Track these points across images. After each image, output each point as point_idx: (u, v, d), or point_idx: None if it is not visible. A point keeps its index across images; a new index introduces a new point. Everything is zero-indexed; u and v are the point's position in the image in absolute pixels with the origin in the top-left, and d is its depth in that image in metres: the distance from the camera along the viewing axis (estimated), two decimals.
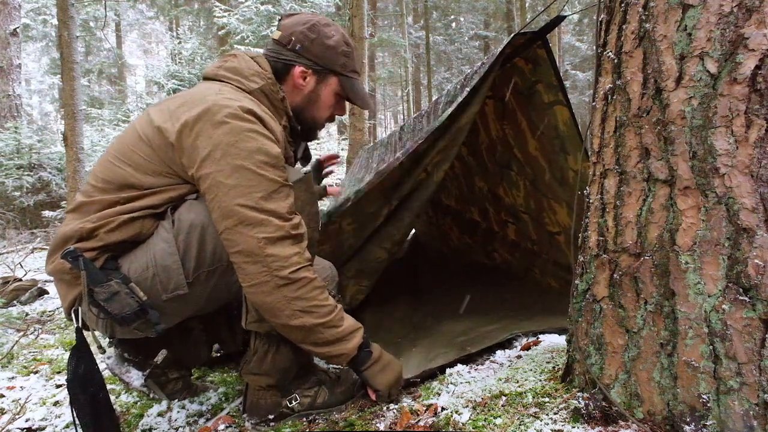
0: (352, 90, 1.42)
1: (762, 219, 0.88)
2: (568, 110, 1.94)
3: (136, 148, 1.22)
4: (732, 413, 0.90)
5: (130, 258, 1.21)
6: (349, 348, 1.26)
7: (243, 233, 1.13)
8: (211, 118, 1.15)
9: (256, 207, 1.13)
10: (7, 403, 1.62)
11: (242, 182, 1.13)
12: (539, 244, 2.52)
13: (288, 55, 1.36)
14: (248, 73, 1.30)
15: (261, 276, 1.13)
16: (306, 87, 1.38)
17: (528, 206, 2.48)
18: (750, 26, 0.87)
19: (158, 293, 1.20)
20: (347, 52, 1.39)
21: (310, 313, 1.18)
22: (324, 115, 1.44)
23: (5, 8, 7.17)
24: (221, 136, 1.14)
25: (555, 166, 2.14)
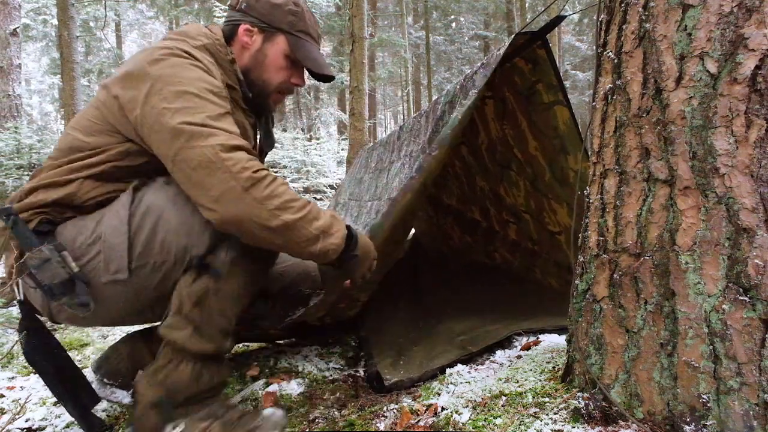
0: (301, 50, 1.34)
1: (762, 219, 0.88)
2: (568, 110, 1.94)
3: (86, 114, 1.21)
4: (732, 413, 0.90)
5: (75, 227, 1.16)
6: (338, 241, 1.18)
7: (195, 146, 1.05)
8: (148, 59, 1.13)
9: (205, 123, 1.08)
10: (7, 403, 1.62)
11: (187, 104, 1.08)
12: (540, 243, 2.52)
13: (236, 15, 1.34)
14: (194, 34, 1.26)
15: (225, 183, 1.05)
16: (252, 46, 1.34)
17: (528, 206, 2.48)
18: (750, 26, 0.87)
19: (98, 273, 1.14)
20: (295, 11, 1.34)
21: (287, 209, 1.09)
22: (274, 79, 1.36)
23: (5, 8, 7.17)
24: (160, 70, 1.12)
25: (555, 165, 2.15)
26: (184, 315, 1.17)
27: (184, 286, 1.17)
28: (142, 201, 1.15)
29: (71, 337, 2.24)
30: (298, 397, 1.54)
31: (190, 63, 1.15)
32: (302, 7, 1.36)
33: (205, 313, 1.17)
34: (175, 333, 1.17)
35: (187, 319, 1.17)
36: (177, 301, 1.18)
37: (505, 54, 1.63)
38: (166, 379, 1.18)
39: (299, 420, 1.38)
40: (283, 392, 1.57)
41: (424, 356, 1.69)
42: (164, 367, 1.19)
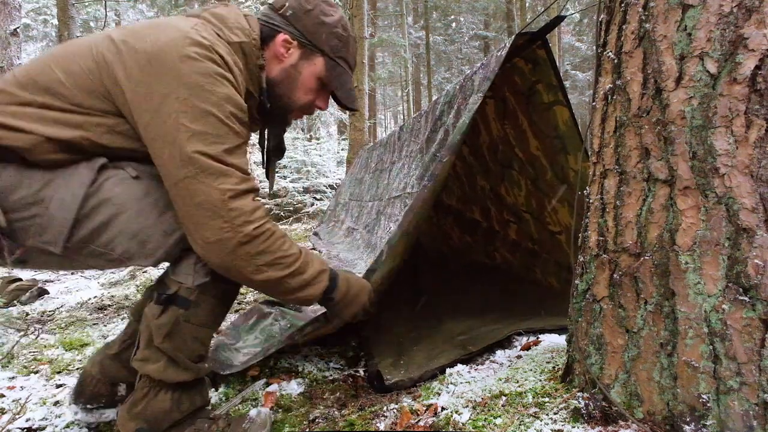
0: (338, 78, 1.26)
1: (762, 219, 0.88)
2: (568, 110, 1.94)
3: (79, 58, 1.04)
4: (732, 413, 0.90)
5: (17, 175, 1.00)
6: (315, 294, 1.19)
7: (205, 183, 1.00)
8: (179, 50, 1.01)
9: (220, 159, 1.02)
10: (8, 403, 1.62)
11: (208, 129, 1.01)
12: (540, 243, 2.52)
13: (277, 20, 1.22)
14: (232, 24, 1.14)
15: (222, 232, 1.02)
16: (287, 59, 1.23)
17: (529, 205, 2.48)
18: (750, 26, 0.87)
19: (26, 234, 1.01)
20: (342, 36, 1.25)
21: (274, 266, 1.09)
22: (300, 99, 1.27)
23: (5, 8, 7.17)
24: (190, 73, 1.01)
25: (556, 165, 2.15)
26: (156, 348, 1.13)
27: (151, 318, 1.12)
28: (103, 187, 1.04)
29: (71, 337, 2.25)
30: (298, 397, 1.54)
31: (222, 75, 1.05)
32: (349, 33, 1.27)
33: (178, 343, 1.13)
34: (149, 366, 1.14)
35: (159, 351, 1.13)
36: (146, 333, 1.13)
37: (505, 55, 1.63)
38: (146, 410, 1.15)
39: (299, 420, 1.38)
40: (283, 392, 1.57)
41: (425, 356, 1.69)
42: (142, 399, 1.16)
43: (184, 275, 1.12)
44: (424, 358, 1.66)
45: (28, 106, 1.01)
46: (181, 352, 1.13)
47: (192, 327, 1.14)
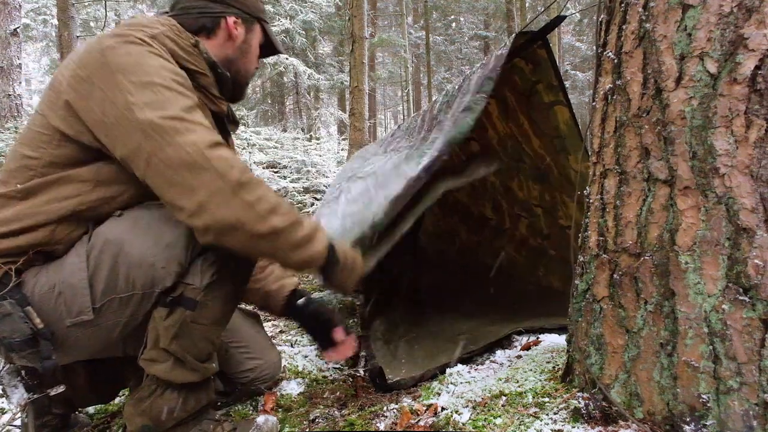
0: (272, 36, 1.37)
1: (762, 219, 0.88)
2: (569, 110, 1.94)
3: (30, 125, 1.07)
4: (732, 413, 0.90)
5: (40, 273, 1.05)
6: (320, 249, 1.11)
7: (175, 143, 0.95)
8: (100, 50, 1.01)
9: (179, 117, 0.97)
10: (7, 403, 1.62)
11: (156, 96, 0.98)
12: (550, 238, 2.52)
13: (216, 8, 1.27)
14: (147, 22, 1.13)
15: (212, 184, 0.95)
16: (239, 38, 1.30)
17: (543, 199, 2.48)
18: (750, 26, 0.87)
19: (62, 317, 1.04)
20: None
21: (276, 213, 1.01)
22: (252, 68, 1.36)
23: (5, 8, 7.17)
24: (116, 59, 0.99)
25: (558, 164, 2.15)
26: (163, 348, 1.11)
27: (159, 320, 1.10)
28: (98, 235, 1.05)
29: None
30: (298, 397, 1.54)
31: (148, 50, 1.03)
32: None
33: (186, 344, 1.12)
34: (156, 366, 1.13)
35: (166, 352, 1.11)
36: (153, 335, 1.12)
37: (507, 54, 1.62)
38: (152, 408, 1.15)
39: (299, 420, 1.38)
40: (283, 392, 1.57)
41: (426, 355, 1.69)
42: (149, 396, 1.15)
43: (190, 277, 1.10)
44: (426, 358, 1.66)
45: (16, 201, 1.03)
46: (188, 353, 1.13)
47: (199, 328, 1.13)
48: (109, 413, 1.52)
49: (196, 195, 0.96)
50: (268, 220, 1.00)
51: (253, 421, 1.25)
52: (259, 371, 1.51)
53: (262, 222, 0.99)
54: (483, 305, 2.25)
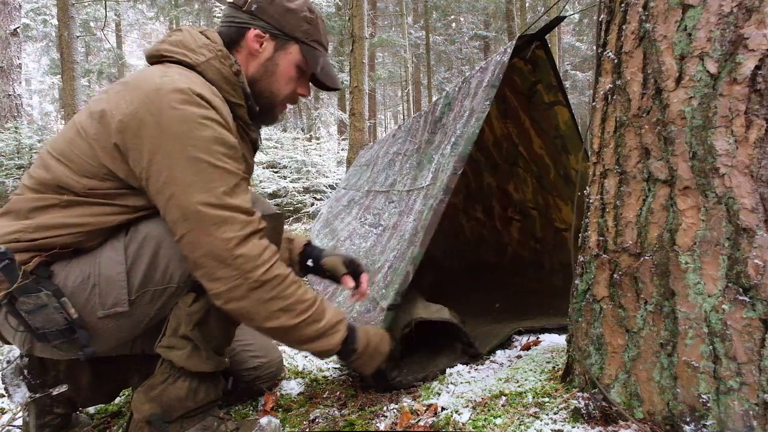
0: (316, 62, 1.23)
1: (762, 219, 0.88)
2: (568, 110, 1.95)
3: (73, 145, 1.08)
4: (732, 413, 0.90)
5: (70, 265, 1.08)
6: (333, 344, 1.17)
7: (209, 234, 1.01)
8: (157, 105, 1.01)
9: (221, 204, 1.01)
10: (7, 403, 1.62)
11: (201, 176, 1.01)
12: (543, 242, 2.53)
13: (242, 17, 1.19)
14: (194, 46, 1.13)
15: (233, 280, 1.02)
16: (263, 54, 1.21)
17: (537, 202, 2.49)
18: (750, 26, 0.87)
19: (94, 308, 1.07)
20: (310, 19, 1.22)
21: (288, 312, 1.08)
22: (283, 90, 1.25)
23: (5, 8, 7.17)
24: (171, 124, 1.00)
25: (559, 164, 2.16)
26: (182, 335, 1.14)
27: (183, 307, 1.14)
28: (138, 230, 1.09)
29: None
30: (298, 397, 1.54)
31: (204, 117, 1.03)
32: (317, 15, 1.24)
33: (205, 332, 1.15)
34: (173, 352, 1.15)
35: (186, 339, 1.15)
36: (175, 322, 1.15)
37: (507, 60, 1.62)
38: (162, 395, 1.17)
39: (299, 420, 1.38)
40: (283, 392, 1.57)
41: (428, 355, 1.69)
42: (161, 383, 1.17)
43: None
44: (427, 358, 1.66)
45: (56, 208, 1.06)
46: (206, 342, 1.16)
47: (221, 319, 1.16)
48: (109, 413, 1.52)
49: (216, 284, 1.03)
50: (278, 318, 1.07)
51: (257, 422, 1.25)
52: (263, 370, 1.52)
53: (271, 320, 1.07)
54: (483, 304, 2.25)
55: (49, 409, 1.35)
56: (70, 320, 1.06)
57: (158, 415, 1.17)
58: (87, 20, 14.12)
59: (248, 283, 1.03)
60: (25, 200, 1.08)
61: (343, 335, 1.19)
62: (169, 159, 1.00)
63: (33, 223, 1.07)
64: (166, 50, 1.13)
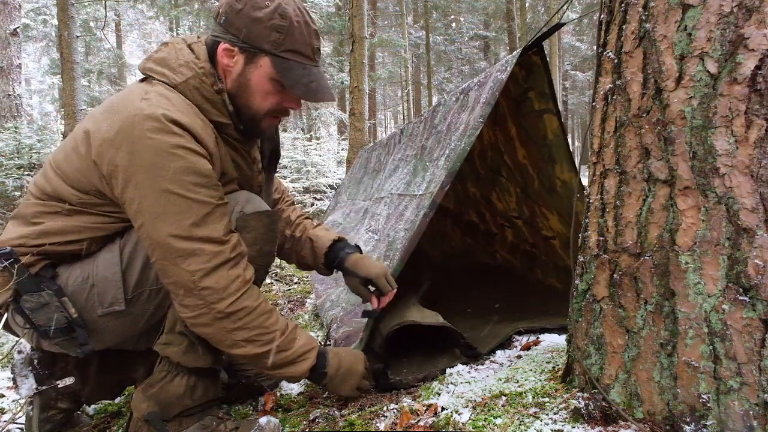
0: (289, 76, 1.13)
1: (762, 219, 0.88)
2: (557, 119, 1.96)
3: (69, 159, 1.12)
4: (732, 413, 0.90)
5: (72, 267, 1.14)
6: (300, 372, 1.20)
7: (176, 265, 1.03)
8: (131, 133, 1.01)
9: (188, 236, 1.02)
10: (7, 403, 1.62)
11: (170, 208, 1.02)
12: (537, 247, 2.53)
13: (217, 30, 1.15)
14: (175, 65, 1.11)
15: (198, 309, 1.06)
16: (233, 69, 1.15)
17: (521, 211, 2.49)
18: (750, 26, 0.87)
19: (94, 307, 1.12)
20: (281, 26, 1.10)
21: (253, 342, 1.11)
22: (262, 105, 1.18)
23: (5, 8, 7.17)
24: (144, 154, 1.01)
25: (543, 174, 2.16)
26: (179, 332, 1.16)
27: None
28: (131, 232, 1.13)
29: None
30: (298, 397, 1.54)
31: (177, 146, 1.02)
32: (290, 19, 1.12)
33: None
34: (170, 349, 1.17)
35: (181, 335, 1.16)
36: (172, 319, 1.17)
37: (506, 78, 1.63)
38: (160, 393, 1.18)
39: (299, 420, 1.38)
40: (283, 392, 1.57)
41: (428, 356, 1.69)
42: (159, 381, 1.19)
43: None
44: (428, 358, 1.66)
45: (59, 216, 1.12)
46: (202, 338, 1.16)
47: None
48: (109, 413, 1.52)
49: (183, 309, 1.08)
50: (243, 347, 1.11)
51: (256, 422, 1.26)
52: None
53: (236, 348, 1.11)
54: (483, 305, 2.25)
55: (53, 404, 1.37)
56: (70, 319, 1.11)
57: (156, 413, 1.18)
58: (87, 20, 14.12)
59: (213, 314, 1.06)
60: (30, 206, 1.15)
61: (311, 363, 1.22)
62: (140, 190, 1.02)
63: (37, 229, 1.12)
64: (150, 69, 1.13)
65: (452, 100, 2.03)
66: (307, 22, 1.15)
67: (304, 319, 2.50)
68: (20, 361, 1.35)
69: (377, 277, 1.44)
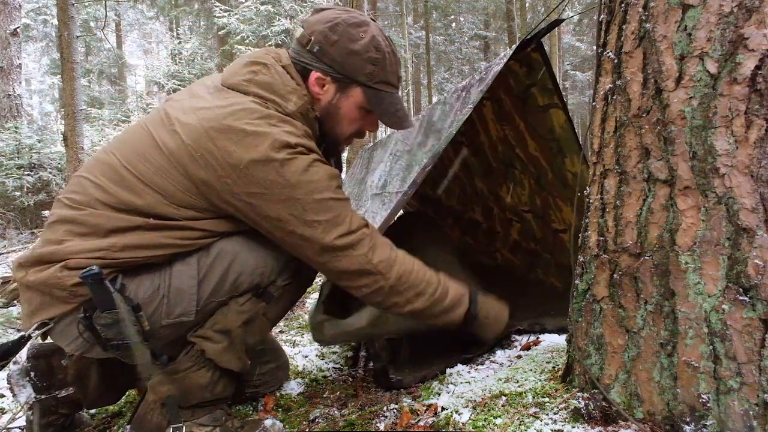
0: (380, 106, 1.21)
1: (762, 219, 0.88)
2: (564, 113, 1.95)
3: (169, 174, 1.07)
4: (732, 413, 0.90)
5: (140, 278, 1.09)
6: (457, 317, 1.31)
7: (349, 257, 1.12)
8: (273, 158, 1.04)
9: (351, 230, 1.12)
10: (7, 403, 1.62)
11: (332, 213, 1.10)
12: (542, 243, 2.52)
13: (306, 57, 1.17)
14: (284, 92, 1.14)
15: (376, 283, 1.16)
16: (324, 97, 1.20)
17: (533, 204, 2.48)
18: (750, 26, 0.87)
19: (159, 318, 1.10)
20: (376, 59, 1.16)
21: (420, 296, 1.21)
22: (346, 131, 1.27)
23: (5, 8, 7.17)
24: (292, 175, 1.06)
25: (555, 167, 2.15)
26: (222, 330, 1.17)
27: (234, 305, 1.17)
28: (211, 248, 1.13)
29: None
30: (298, 397, 1.54)
31: (315, 161, 1.10)
32: (384, 52, 1.18)
33: (248, 333, 1.19)
34: (208, 344, 1.16)
35: (224, 333, 1.17)
36: (221, 317, 1.16)
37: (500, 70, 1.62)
38: (184, 380, 1.18)
39: (299, 420, 1.38)
40: (283, 392, 1.57)
41: (429, 355, 1.69)
42: (185, 369, 1.18)
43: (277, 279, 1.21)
44: (428, 358, 1.66)
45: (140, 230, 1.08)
46: (242, 342, 1.20)
47: (264, 322, 1.23)
48: (109, 414, 1.52)
49: (361, 290, 1.18)
50: (413, 303, 1.22)
51: (261, 423, 1.26)
52: (272, 375, 1.54)
53: (408, 306, 1.22)
54: None
55: (53, 410, 1.35)
56: (143, 332, 1.08)
57: (175, 398, 1.19)
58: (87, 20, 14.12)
59: (390, 282, 1.16)
60: (104, 218, 1.07)
61: (465, 309, 1.32)
62: (302, 207, 1.08)
63: (119, 242, 1.06)
64: (256, 93, 1.12)
65: (453, 98, 2.03)
66: (394, 51, 1.23)
67: (304, 319, 2.50)
68: (16, 372, 1.34)
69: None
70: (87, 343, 1.09)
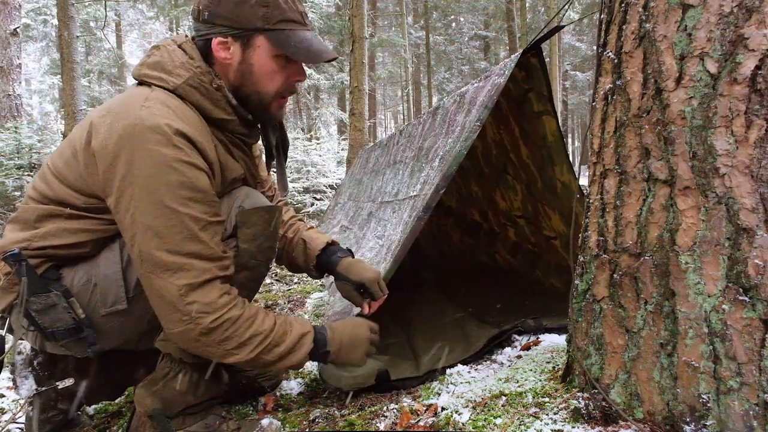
0: (288, 44, 1.12)
1: (762, 219, 0.88)
2: (555, 121, 1.97)
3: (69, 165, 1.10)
4: (732, 413, 0.90)
5: (76, 268, 1.12)
6: (298, 360, 1.17)
7: (162, 279, 1.01)
8: (130, 143, 1.00)
9: (178, 250, 1.01)
10: (7, 403, 1.62)
11: (162, 222, 1.00)
12: (539, 246, 2.53)
13: (203, 28, 1.13)
14: (171, 67, 1.10)
15: (183, 324, 1.03)
16: (233, 59, 1.13)
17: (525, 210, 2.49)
18: (750, 26, 0.87)
19: (97, 307, 1.12)
20: (265, 1, 1.10)
21: (243, 347, 1.08)
22: (270, 87, 1.17)
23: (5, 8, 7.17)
24: (141, 166, 0.99)
25: (544, 175, 2.17)
26: None
27: None
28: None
29: None
30: (298, 397, 1.54)
31: (176, 159, 1.01)
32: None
33: None
34: (171, 346, 1.17)
35: None
36: None
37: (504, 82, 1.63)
38: (164, 389, 1.19)
39: (299, 420, 1.38)
40: (283, 392, 1.57)
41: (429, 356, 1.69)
42: (162, 377, 1.19)
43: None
44: (428, 358, 1.66)
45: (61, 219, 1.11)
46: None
47: None
48: (109, 413, 1.52)
49: (169, 324, 1.05)
50: (235, 354, 1.08)
51: (258, 423, 1.26)
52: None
53: (228, 356, 1.08)
54: (484, 305, 2.25)
55: (53, 404, 1.36)
56: (78, 320, 1.10)
57: (160, 410, 1.19)
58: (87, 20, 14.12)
59: (198, 329, 1.04)
60: (30, 211, 1.13)
61: (308, 348, 1.18)
62: (135, 201, 1.01)
63: (40, 231, 1.11)
64: (146, 75, 1.11)
65: (450, 102, 2.04)
66: None
67: (304, 318, 2.50)
68: (20, 362, 1.34)
69: (369, 282, 1.41)
70: (35, 334, 1.13)
